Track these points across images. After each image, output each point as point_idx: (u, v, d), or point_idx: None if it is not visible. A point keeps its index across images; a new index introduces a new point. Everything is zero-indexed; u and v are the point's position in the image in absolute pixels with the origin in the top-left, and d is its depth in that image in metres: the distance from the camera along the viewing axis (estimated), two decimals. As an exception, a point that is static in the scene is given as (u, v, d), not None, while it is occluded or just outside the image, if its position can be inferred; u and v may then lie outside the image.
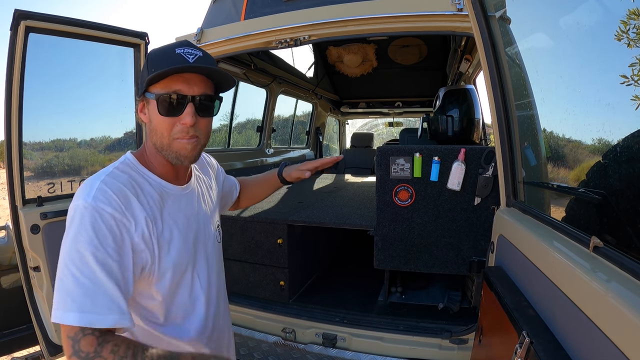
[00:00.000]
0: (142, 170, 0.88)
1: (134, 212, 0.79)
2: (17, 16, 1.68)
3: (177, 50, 0.83)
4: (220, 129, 4.06)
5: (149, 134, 0.89)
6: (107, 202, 0.75)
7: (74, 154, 2.22)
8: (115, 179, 0.80)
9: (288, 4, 2.09)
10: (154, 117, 0.85)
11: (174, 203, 0.91)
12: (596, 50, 1.05)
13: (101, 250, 0.72)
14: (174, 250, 0.87)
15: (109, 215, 0.74)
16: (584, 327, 0.75)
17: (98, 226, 0.73)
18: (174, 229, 0.88)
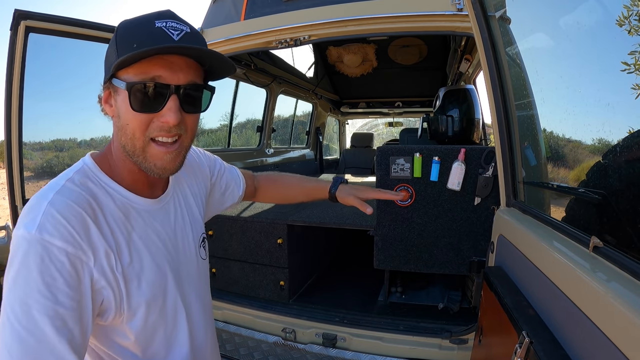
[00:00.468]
0: (104, 181, 0.69)
1: (93, 241, 0.62)
2: (17, 16, 1.68)
3: (157, 23, 0.62)
4: (220, 129, 4.06)
5: (117, 133, 0.68)
6: (57, 232, 0.58)
7: (74, 154, 2.22)
8: (68, 197, 0.62)
9: (288, 4, 2.08)
10: (123, 111, 0.65)
11: (145, 222, 0.73)
12: (596, 50, 1.05)
13: (49, 299, 0.56)
14: (145, 284, 0.70)
15: (59, 251, 0.58)
16: (584, 327, 0.75)
17: (45, 267, 0.56)
18: (145, 257, 0.71)
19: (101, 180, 0.69)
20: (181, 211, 0.83)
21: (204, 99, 0.71)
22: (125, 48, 0.62)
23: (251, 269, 2.37)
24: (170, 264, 0.77)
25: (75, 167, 0.70)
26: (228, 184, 1.06)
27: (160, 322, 0.75)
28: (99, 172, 0.70)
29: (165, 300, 0.75)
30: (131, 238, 0.70)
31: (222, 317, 2.28)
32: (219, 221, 2.40)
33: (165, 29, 0.63)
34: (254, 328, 2.18)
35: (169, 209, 0.80)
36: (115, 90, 0.66)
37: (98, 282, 0.63)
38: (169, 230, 0.78)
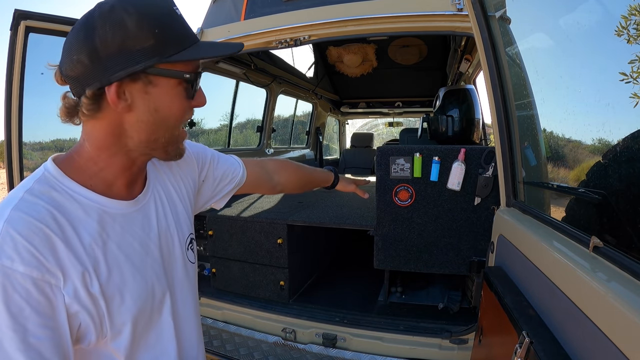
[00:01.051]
0: (70, 187, 0.61)
1: (61, 261, 0.56)
2: (17, 16, 1.68)
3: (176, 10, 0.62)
4: (220, 129, 4.06)
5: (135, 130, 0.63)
6: (17, 256, 0.52)
7: (74, 154, 2.22)
8: (27, 213, 0.55)
9: (288, 4, 2.08)
10: (167, 102, 0.62)
11: (123, 228, 0.66)
12: (596, 50, 1.05)
13: (18, 331, 0.51)
14: (130, 298, 0.64)
15: (23, 277, 0.52)
16: (584, 327, 0.75)
17: (8, 297, 0.50)
18: (126, 268, 0.65)
19: (66, 186, 0.61)
20: (164, 210, 0.76)
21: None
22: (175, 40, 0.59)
23: (251, 269, 2.37)
24: (155, 272, 0.71)
25: (35, 174, 0.61)
26: (224, 174, 0.97)
27: (148, 336, 0.69)
28: (62, 177, 0.61)
29: (153, 312, 0.70)
30: (108, 249, 0.63)
31: (222, 317, 2.28)
32: (219, 221, 2.40)
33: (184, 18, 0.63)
34: (254, 328, 2.18)
35: (149, 209, 0.72)
36: (151, 82, 0.60)
37: (71, 307, 0.57)
38: (151, 234, 0.71)
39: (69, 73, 0.59)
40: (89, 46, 0.56)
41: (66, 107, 0.61)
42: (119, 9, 0.56)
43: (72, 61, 0.57)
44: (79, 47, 0.57)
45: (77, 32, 0.57)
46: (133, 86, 0.60)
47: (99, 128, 0.63)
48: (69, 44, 0.58)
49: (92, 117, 0.61)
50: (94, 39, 0.56)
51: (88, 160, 0.64)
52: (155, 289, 0.70)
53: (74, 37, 0.58)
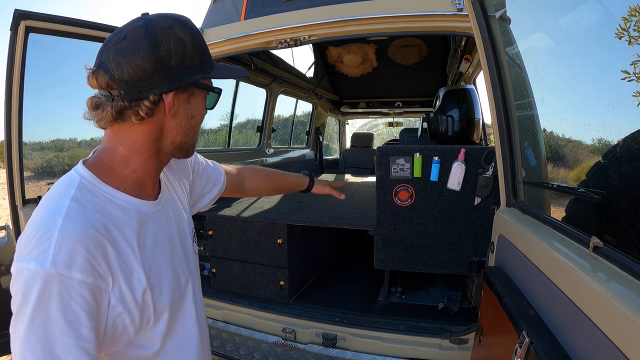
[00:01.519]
0: (109, 192, 0.65)
1: (111, 265, 0.60)
2: (17, 16, 1.68)
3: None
4: (220, 129, 4.06)
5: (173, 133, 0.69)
6: (74, 264, 0.54)
7: (74, 154, 2.22)
8: (81, 222, 0.58)
9: (288, 4, 2.08)
10: (199, 111, 0.72)
11: (154, 226, 0.72)
12: (596, 50, 1.05)
13: (72, 336, 0.54)
14: (167, 289, 0.71)
15: (80, 284, 0.55)
16: (584, 327, 0.75)
17: (65, 304, 0.53)
18: (161, 262, 0.71)
19: (104, 191, 0.65)
20: (176, 207, 0.83)
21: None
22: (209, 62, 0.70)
23: (251, 269, 2.37)
24: (180, 262, 0.78)
25: (72, 181, 0.63)
26: (209, 178, 1.04)
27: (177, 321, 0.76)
28: (98, 182, 0.65)
29: (181, 299, 0.77)
30: (147, 246, 0.69)
31: (222, 317, 2.28)
32: (219, 221, 2.40)
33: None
34: (254, 328, 2.18)
35: (167, 206, 0.79)
36: (193, 94, 0.70)
37: (114, 310, 0.61)
38: (172, 228, 0.79)
39: (127, 78, 0.62)
40: (155, 57, 0.61)
41: (117, 111, 0.63)
42: (178, 29, 0.64)
43: (134, 67, 0.61)
44: (143, 56, 0.61)
45: (138, 43, 0.61)
46: (181, 96, 0.68)
47: (141, 131, 0.67)
48: (128, 51, 0.61)
49: (143, 120, 0.65)
50: (159, 51, 0.62)
51: (120, 164, 0.68)
52: (181, 277, 0.77)
53: (134, 46, 0.61)
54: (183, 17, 0.68)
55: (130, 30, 0.62)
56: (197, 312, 0.82)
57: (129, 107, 0.63)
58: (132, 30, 0.62)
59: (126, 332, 0.64)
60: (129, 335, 0.65)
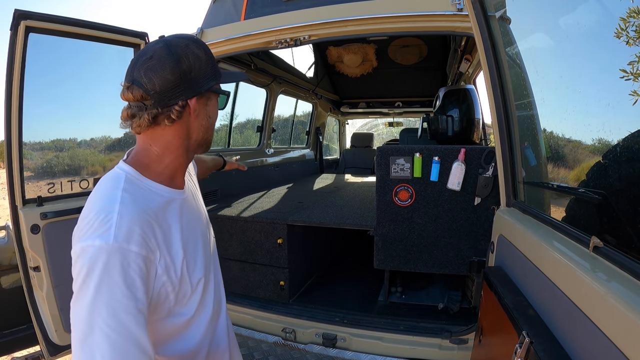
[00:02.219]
0: (149, 184, 0.79)
1: (159, 241, 0.73)
2: (17, 16, 1.68)
3: None
4: (220, 129, 4.06)
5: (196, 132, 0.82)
6: (132, 239, 0.67)
7: (74, 154, 2.22)
8: (134, 206, 0.71)
9: (288, 4, 2.08)
10: (214, 112, 0.86)
11: (187, 211, 0.86)
12: (596, 50, 1.05)
13: (131, 299, 0.65)
14: (200, 263, 0.84)
15: (136, 255, 0.67)
16: (584, 327, 0.75)
17: (125, 272, 0.65)
18: (193, 240, 0.84)
19: (147, 184, 0.79)
20: (196, 196, 0.97)
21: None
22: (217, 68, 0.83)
23: (251, 269, 2.37)
24: (205, 242, 0.91)
25: (119, 176, 0.76)
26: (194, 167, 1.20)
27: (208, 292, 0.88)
28: (141, 177, 0.78)
29: (209, 274, 0.89)
30: (183, 227, 0.81)
31: (222, 317, 2.28)
32: (219, 221, 2.40)
33: None
34: (254, 328, 2.18)
35: (190, 195, 0.92)
36: (209, 97, 0.83)
37: (160, 279, 0.73)
38: (197, 213, 0.92)
39: (157, 88, 0.74)
40: (179, 70, 0.75)
41: (153, 117, 0.76)
42: (193, 46, 0.78)
43: (163, 81, 0.74)
44: (170, 71, 0.74)
45: (164, 61, 0.74)
46: (200, 100, 0.81)
47: (172, 133, 0.79)
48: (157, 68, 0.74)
49: (174, 123, 0.78)
50: (182, 65, 0.76)
51: (155, 161, 0.81)
52: (208, 255, 0.90)
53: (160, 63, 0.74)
54: (194, 37, 0.82)
55: (154, 51, 0.75)
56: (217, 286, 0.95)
57: (162, 112, 0.76)
58: (156, 51, 0.75)
59: (167, 300, 0.76)
60: (170, 303, 0.76)
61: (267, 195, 3.17)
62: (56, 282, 1.90)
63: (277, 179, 4.13)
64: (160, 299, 0.74)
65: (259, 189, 3.50)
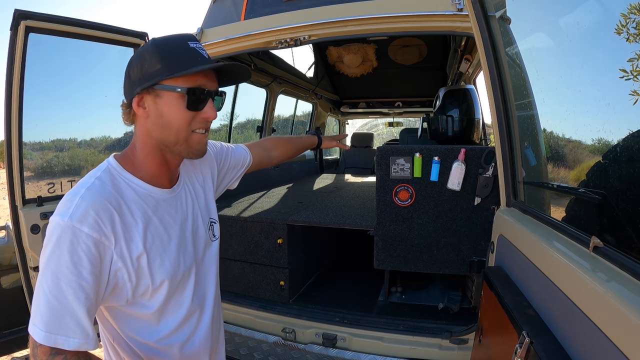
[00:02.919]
0: (127, 177, 0.83)
1: (116, 229, 0.76)
2: (17, 16, 1.68)
3: (190, 44, 0.81)
4: (220, 129, 4.06)
5: (152, 130, 0.82)
6: (85, 221, 0.71)
7: (74, 154, 2.22)
8: (97, 193, 0.76)
9: (288, 4, 2.08)
10: (169, 111, 0.80)
11: (164, 210, 0.87)
12: (596, 50, 1.05)
13: (74, 273, 0.70)
14: (168, 261, 0.84)
15: (86, 236, 0.71)
16: (584, 327, 0.75)
17: (73, 249, 0.70)
18: (165, 238, 0.85)
19: (124, 177, 0.83)
20: (192, 198, 0.97)
21: (222, 101, 0.91)
22: (173, 63, 0.78)
23: (251, 269, 2.37)
24: (186, 244, 0.91)
25: (101, 167, 0.83)
26: (237, 161, 1.22)
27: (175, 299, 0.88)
28: (122, 170, 0.83)
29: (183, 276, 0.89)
30: (152, 223, 0.83)
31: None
32: (219, 221, 2.39)
33: (197, 49, 0.81)
34: (254, 328, 2.18)
35: (181, 196, 0.94)
36: (158, 95, 0.80)
37: (115, 264, 0.76)
38: (183, 215, 0.92)
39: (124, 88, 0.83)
40: (128, 73, 0.82)
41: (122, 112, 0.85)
42: (144, 48, 0.81)
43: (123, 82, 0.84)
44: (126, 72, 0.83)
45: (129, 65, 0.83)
46: (147, 98, 0.81)
47: (138, 131, 0.85)
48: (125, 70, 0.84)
49: (132, 122, 0.85)
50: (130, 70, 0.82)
51: (136, 156, 0.85)
52: (186, 257, 0.90)
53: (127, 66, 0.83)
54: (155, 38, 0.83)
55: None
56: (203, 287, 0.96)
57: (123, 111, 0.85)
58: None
59: (125, 287, 0.79)
60: (127, 292, 0.79)
61: (267, 195, 3.17)
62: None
63: (277, 179, 4.13)
64: (118, 283, 0.78)
65: (259, 189, 3.50)
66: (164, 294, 0.84)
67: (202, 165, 1.07)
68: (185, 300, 0.90)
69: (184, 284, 0.89)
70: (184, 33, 0.85)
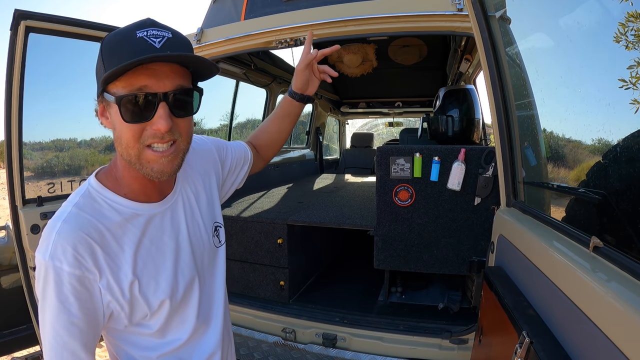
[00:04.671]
0: (109, 198, 0.73)
1: (98, 262, 0.69)
2: (17, 16, 1.68)
3: (138, 34, 0.63)
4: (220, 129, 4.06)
5: (115, 144, 0.70)
6: (64, 258, 0.66)
7: (74, 154, 2.22)
8: (73, 224, 0.68)
9: (288, 4, 2.08)
10: (117, 123, 0.67)
11: (155, 227, 0.78)
12: (596, 50, 1.05)
13: (64, 312, 0.67)
14: (164, 282, 0.77)
15: (68, 274, 0.66)
16: (584, 327, 0.75)
17: (58, 288, 0.66)
18: (158, 259, 0.77)
19: (107, 198, 0.73)
20: (190, 206, 0.87)
21: (194, 101, 0.71)
22: (111, 62, 0.63)
23: (251, 269, 2.37)
24: (185, 259, 0.82)
25: (81, 190, 0.74)
26: (238, 159, 1.07)
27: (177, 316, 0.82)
28: (103, 190, 0.74)
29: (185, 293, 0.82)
30: (142, 245, 0.75)
31: (222, 317, 2.28)
32: (219, 221, 2.40)
33: (146, 38, 0.63)
34: (254, 328, 2.18)
35: (177, 206, 0.83)
36: (108, 104, 0.68)
37: (105, 297, 0.71)
38: (180, 227, 0.83)
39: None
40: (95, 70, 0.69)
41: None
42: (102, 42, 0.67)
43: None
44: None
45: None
46: (106, 107, 0.69)
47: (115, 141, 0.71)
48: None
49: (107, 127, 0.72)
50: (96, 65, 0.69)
51: (118, 171, 0.75)
52: (185, 272, 0.82)
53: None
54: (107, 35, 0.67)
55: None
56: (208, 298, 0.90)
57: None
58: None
59: (120, 317, 0.74)
60: (123, 320, 0.75)
61: (267, 195, 3.17)
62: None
63: (277, 179, 4.13)
64: (113, 314, 0.74)
65: (259, 189, 3.50)
66: (164, 314, 0.78)
67: (205, 164, 0.95)
68: (190, 314, 0.84)
69: (187, 298, 0.83)
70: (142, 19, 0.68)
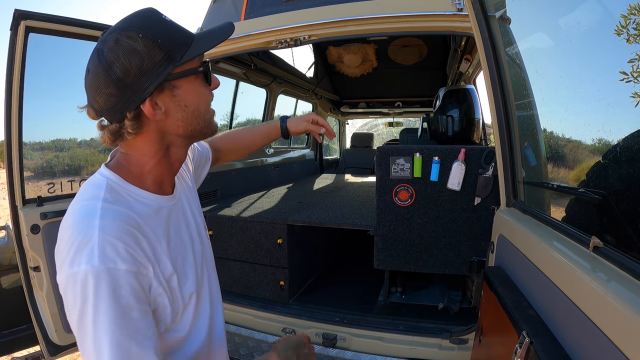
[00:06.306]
0: (134, 191, 0.70)
1: (147, 254, 0.66)
2: (17, 16, 1.68)
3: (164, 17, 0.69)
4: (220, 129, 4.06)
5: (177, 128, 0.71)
6: (119, 257, 0.60)
7: (74, 154, 2.22)
8: (114, 218, 0.63)
9: (288, 4, 2.08)
10: (193, 97, 0.71)
11: (175, 219, 0.78)
12: (596, 50, 1.05)
13: (127, 320, 0.60)
14: (191, 275, 0.77)
15: (125, 273, 0.60)
16: (584, 327, 0.75)
17: (116, 295, 0.59)
18: (183, 250, 0.77)
19: (130, 191, 0.70)
20: (189, 199, 0.88)
21: None
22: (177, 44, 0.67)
23: (251, 269, 2.37)
24: (197, 250, 0.83)
25: (99, 184, 0.68)
26: (201, 158, 1.09)
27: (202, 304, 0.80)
28: (124, 183, 0.70)
29: (202, 284, 0.82)
30: (171, 237, 0.74)
31: (222, 317, 2.28)
32: (219, 221, 2.40)
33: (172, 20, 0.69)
34: (254, 328, 2.18)
35: (182, 200, 0.84)
36: (174, 86, 0.68)
37: (156, 290, 0.67)
38: (189, 218, 0.84)
39: (104, 107, 0.67)
40: (114, 79, 0.63)
41: (112, 134, 0.69)
42: (124, 38, 0.63)
43: (104, 97, 0.65)
44: (106, 84, 0.64)
45: (96, 73, 0.64)
46: (161, 95, 0.68)
47: (144, 141, 0.71)
48: (94, 84, 0.65)
49: (136, 134, 0.69)
50: (115, 72, 0.63)
51: (136, 166, 0.72)
52: (202, 264, 0.83)
53: (95, 77, 0.65)
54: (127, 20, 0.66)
55: (90, 62, 0.66)
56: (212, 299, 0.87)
57: (121, 127, 0.68)
58: (90, 61, 0.66)
59: (165, 313, 0.70)
60: (166, 318, 0.70)
61: (267, 195, 3.17)
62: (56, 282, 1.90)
63: (277, 178, 4.13)
64: (157, 310, 0.69)
65: (259, 189, 3.50)
66: (192, 310, 0.76)
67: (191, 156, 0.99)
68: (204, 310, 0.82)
69: (201, 294, 0.81)
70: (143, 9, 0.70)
